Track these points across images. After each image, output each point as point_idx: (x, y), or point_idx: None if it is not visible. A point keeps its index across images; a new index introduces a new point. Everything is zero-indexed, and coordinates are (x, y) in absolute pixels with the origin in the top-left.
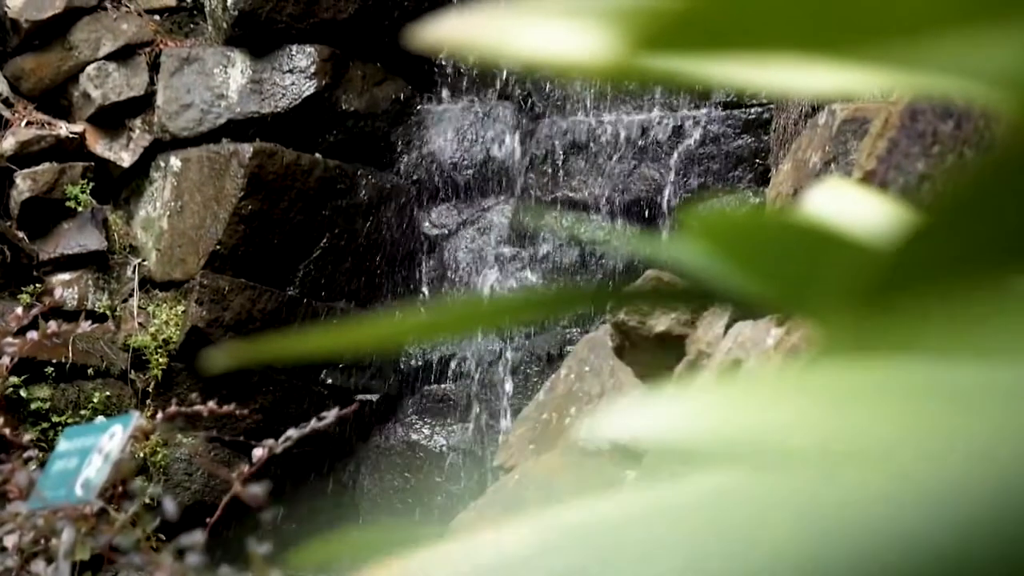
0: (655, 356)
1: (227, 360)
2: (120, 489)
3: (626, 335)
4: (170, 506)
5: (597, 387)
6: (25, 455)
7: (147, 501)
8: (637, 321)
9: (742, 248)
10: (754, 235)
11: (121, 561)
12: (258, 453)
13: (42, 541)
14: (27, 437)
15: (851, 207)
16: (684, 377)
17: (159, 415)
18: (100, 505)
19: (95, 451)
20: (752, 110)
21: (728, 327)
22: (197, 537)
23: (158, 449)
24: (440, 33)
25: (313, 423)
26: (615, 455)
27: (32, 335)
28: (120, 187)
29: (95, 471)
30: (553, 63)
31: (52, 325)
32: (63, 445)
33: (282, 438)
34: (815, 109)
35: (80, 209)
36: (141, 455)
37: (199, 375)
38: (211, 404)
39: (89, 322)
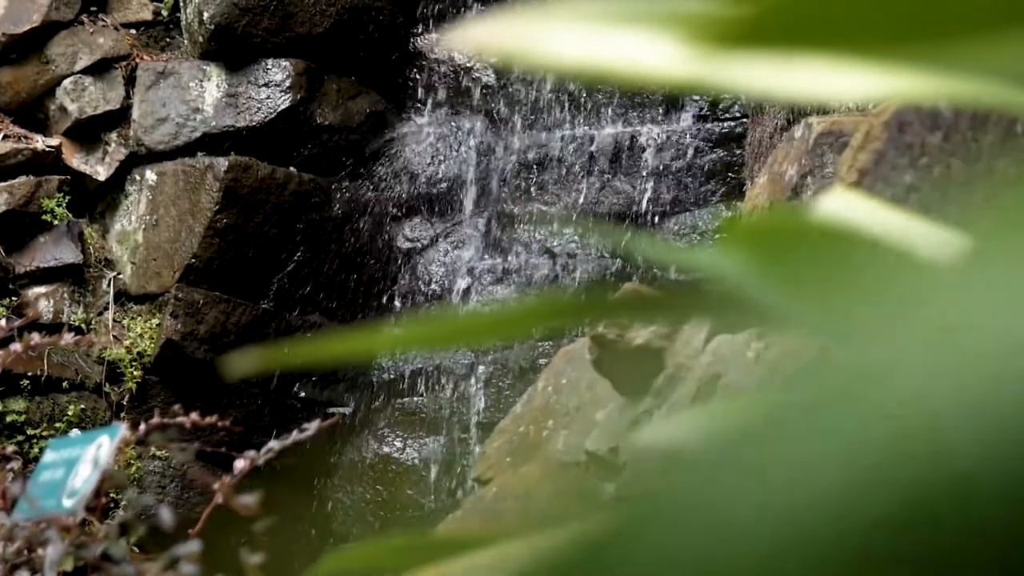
0: (634, 369)
1: (249, 365)
2: (103, 500)
3: (605, 348)
4: (166, 515)
5: (575, 400)
6: (8, 467)
7: (120, 512)
8: (616, 334)
9: (786, 259)
10: (798, 246)
11: (113, 571)
12: (240, 464)
13: (25, 552)
14: (10, 448)
15: (866, 217)
16: (663, 390)
17: (142, 426)
18: (83, 516)
19: (82, 462)
20: (725, 124)
21: (707, 341)
22: (192, 547)
23: (132, 461)
24: (475, 37)
25: (295, 434)
26: (594, 467)
27: (15, 347)
28: (96, 201)
29: (82, 482)
30: (619, 72)
31: (35, 337)
32: (49, 456)
33: (264, 449)
34: (790, 122)
35: (56, 223)
36: (115, 467)
37: (173, 388)
38: (194, 415)
39: (72, 334)
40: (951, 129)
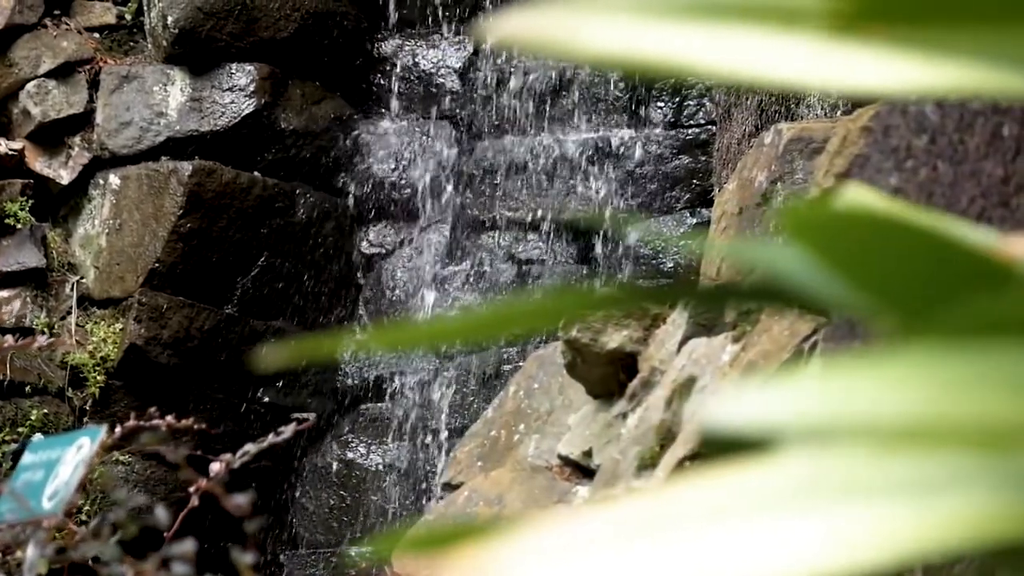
0: (607, 373)
1: (279, 358)
2: (76, 503)
3: (579, 352)
4: (163, 515)
5: (546, 404)
6: None
7: (85, 518)
8: (589, 338)
9: (850, 251)
10: (864, 237)
11: (103, 572)
12: (215, 467)
13: (0, 555)
14: None
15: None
16: (638, 393)
17: (118, 429)
18: (61, 518)
19: (62, 464)
20: (690, 131)
21: (681, 344)
22: (187, 546)
23: (96, 467)
24: (513, 28)
25: (271, 437)
26: (565, 470)
27: None
28: (59, 204)
29: (63, 484)
30: (678, 65)
31: (8, 339)
32: (28, 458)
33: (240, 452)
34: (758, 128)
35: (19, 226)
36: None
37: (137, 393)
38: (169, 418)
39: (45, 337)
40: (937, 132)
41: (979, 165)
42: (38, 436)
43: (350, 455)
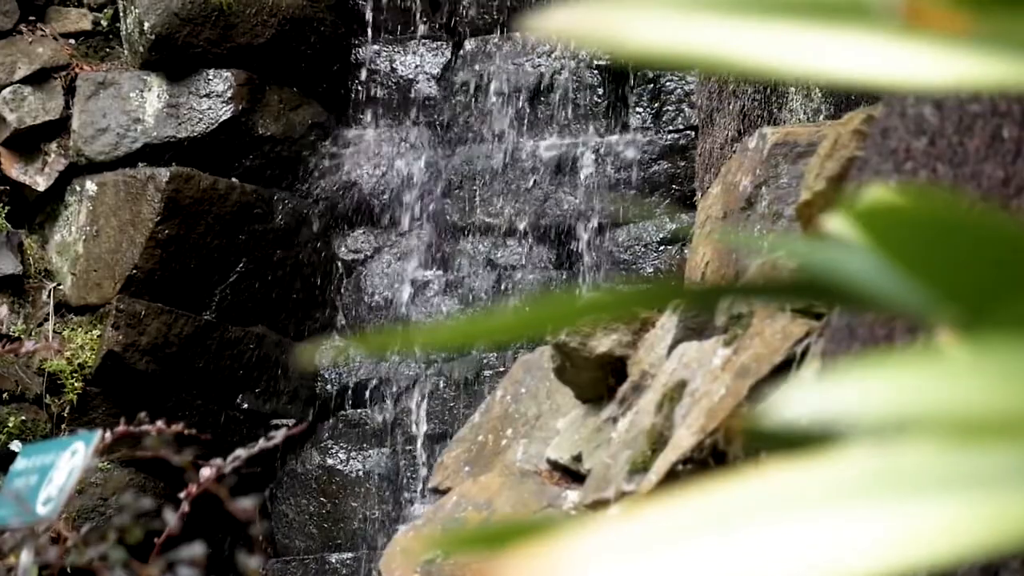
0: (596, 377)
1: (315, 357)
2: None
3: (567, 356)
4: (170, 517)
5: (534, 409)
6: None
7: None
8: (578, 342)
9: (918, 245)
10: (932, 232)
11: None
12: (206, 472)
13: None
14: None
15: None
16: (628, 397)
17: (107, 435)
18: (54, 523)
19: (55, 469)
20: (669, 136)
21: (672, 347)
22: (197, 550)
23: None
24: (557, 24)
25: (261, 443)
26: (554, 475)
27: None
28: (35, 211)
29: (57, 489)
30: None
31: None
32: (21, 463)
33: (230, 457)
34: (740, 133)
35: None
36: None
37: (115, 399)
38: (159, 423)
39: (32, 342)
40: (936, 134)
41: (979, 167)
42: (16, 443)
43: (330, 461)
